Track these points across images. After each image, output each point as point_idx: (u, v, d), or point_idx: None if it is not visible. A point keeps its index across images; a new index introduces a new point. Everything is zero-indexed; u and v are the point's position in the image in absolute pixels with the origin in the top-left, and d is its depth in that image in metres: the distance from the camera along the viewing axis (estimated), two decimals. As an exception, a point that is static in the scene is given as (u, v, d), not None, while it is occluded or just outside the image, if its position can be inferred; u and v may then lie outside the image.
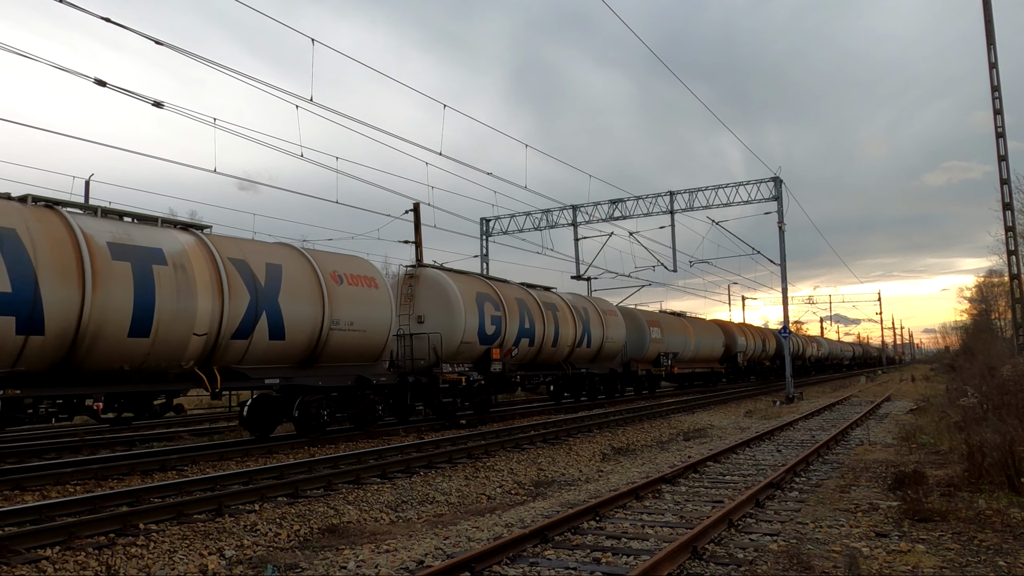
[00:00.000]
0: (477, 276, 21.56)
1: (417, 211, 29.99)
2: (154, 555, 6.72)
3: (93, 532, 7.35)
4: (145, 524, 7.76)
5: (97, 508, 8.41)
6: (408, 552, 6.81)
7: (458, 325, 18.61)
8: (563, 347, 23.24)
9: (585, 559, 6.45)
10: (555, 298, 23.79)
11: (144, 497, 8.99)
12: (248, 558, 6.79)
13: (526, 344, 21.10)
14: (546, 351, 22.34)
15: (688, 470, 11.17)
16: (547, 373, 23.32)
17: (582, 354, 24.63)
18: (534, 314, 21.64)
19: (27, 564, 6.32)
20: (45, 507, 8.07)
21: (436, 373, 17.84)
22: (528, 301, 21.78)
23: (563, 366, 23.70)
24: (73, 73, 13.18)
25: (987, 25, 22.98)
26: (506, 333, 20.14)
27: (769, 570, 5.99)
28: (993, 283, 55.94)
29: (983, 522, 7.33)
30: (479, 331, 19.22)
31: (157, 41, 13.23)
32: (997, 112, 22.57)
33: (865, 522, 7.66)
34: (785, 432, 17.20)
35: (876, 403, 25.71)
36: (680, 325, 34.81)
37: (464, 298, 18.87)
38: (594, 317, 25.42)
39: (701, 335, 37.22)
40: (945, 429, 14.47)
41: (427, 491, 10.03)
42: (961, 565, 6.04)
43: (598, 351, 25.58)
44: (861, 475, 10.76)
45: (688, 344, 34.84)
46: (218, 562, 6.61)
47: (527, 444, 14.82)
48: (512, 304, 20.73)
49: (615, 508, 8.52)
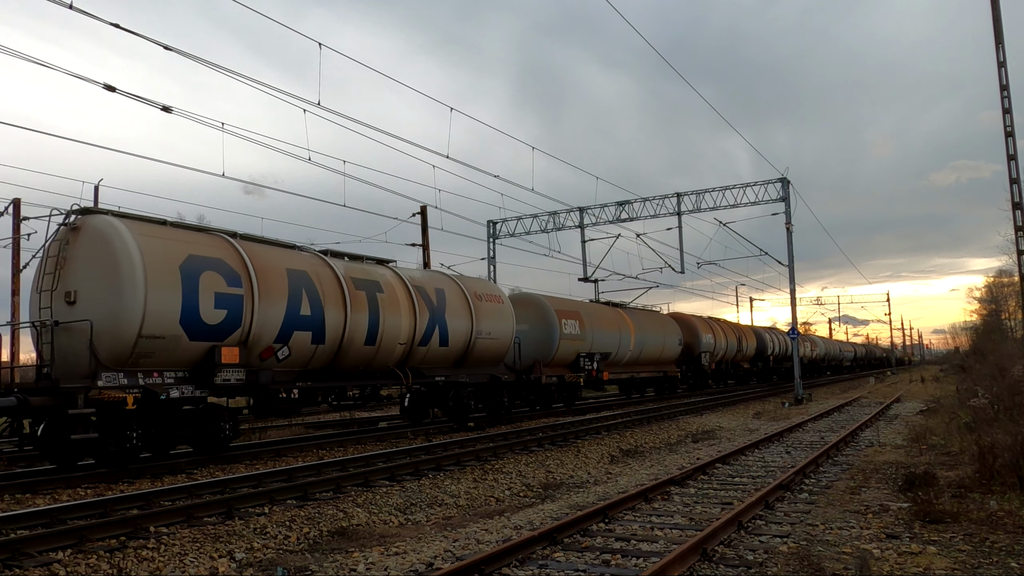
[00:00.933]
0: (213, 232, 13.47)
1: (424, 214, 30.08)
2: (165, 558, 6.75)
3: (104, 535, 7.39)
4: (156, 527, 7.79)
5: (108, 511, 8.45)
6: (417, 554, 6.82)
7: (130, 307, 11.23)
8: (391, 345, 16.13)
9: (595, 561, 6.44)
10: (382, 273, 16.68)
11: (154, 500, 9.03)
12: (258, 561, 6.81)
13: (305, 341, 14.00)
14: (355, 351, 15.26)
15: (697, 472, 11.14)
16: (364, 383, 16.89)
17: (434, 356, 17.68)
18: (326, 295, 14.46)
19: (39, 567, 6.36)
20: (56, 510, 8.12)
21: (73, 390, 10.75)
22: (317, 274, 14.56)
23: (398, 372, 16.51)
24: (83, 79, 13.28)
25: (995, 24, 22.84)
26: (254, 322, 12.91)
27: (779, 572, 5.97)
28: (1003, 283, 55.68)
29: (995, 523, 7.29)
30: (186, 318, 11.86)
31: (166, 46, 13.32)
32: (1006, 111, 22.43)
33: (876, 523, 7.62)
34: (794, 434, 17.13)
35: (886, 404, 25.58)
36: (614, 318, 27.69)
37: (148, 262, 11.46)
38: (455, 303, 18.29)
39: (646, 331, 29.85)
40: (956, 430, 14.39)
41: (436, 493, 10.03)
42: (973, 567, 6.01)
43: (465, 351, 18.58)
44: (871, 476, 10.71)
45: (624, 342, 27.70)
46: (228, 565, 6.63)
47: (535, 446, 14.82)
48: (272, 277, 13.45)
49: (624, 510, 8.50)
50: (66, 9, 11.55)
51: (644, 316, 31.22)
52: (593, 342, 25.08)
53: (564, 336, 23.35)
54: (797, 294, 31.15)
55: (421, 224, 30.10)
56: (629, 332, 28.30)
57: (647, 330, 30.25)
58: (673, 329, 33.33)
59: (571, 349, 23.81)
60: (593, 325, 25.48)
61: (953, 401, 20.97)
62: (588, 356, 24.20)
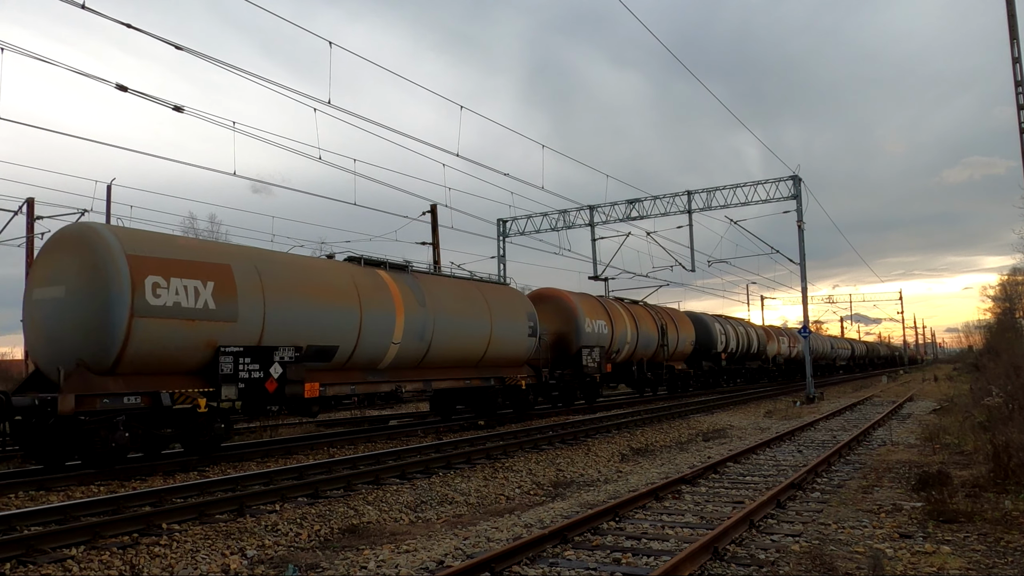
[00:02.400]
0: None
1: (434, 212, 30.10)
2: (177, 555, 6.78)
3: (117, 532, 7.44)
4: (168, 524, 7.83)
5: (121, 508, 8.50)
6: (428, 552, 6.82)
7: None
8: None
9: (605, 559, 6.42)
10: None
11: (167, 498, 9.08)
12: (269, 558, 6.84)
13: None
14: None
15: (708, 471, 11.10)
16: None
17: None
18: None
19: (53, 563, 6.41)
20: (70, 507, 8.18)
21: None
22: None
23: None
24: (96, 79, 13.36)
25: (1010, 20, 22.61)
26: None
27: (791, 571, 5.94)
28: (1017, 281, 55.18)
29: (1010, 523, 7.22)
30: None
31: (177, 46, 13.37)
32: (1021, 107, 22.22)
33: (889, 523, 7.57)
34: (806, 432, 17.04)
35: (898, 403, 25.41)
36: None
37: None
38: None
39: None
40: (969, 429, 14.27)
41: (446, 491, 10.04)
42: (987, 567, 5.95)
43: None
44: (884, 476, 10.64)
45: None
46: (240, 562, 6.66)
47: (545, 445, 14.80)
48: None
49: (635, 508, 8.48)
50: (78, 9, 11.62)
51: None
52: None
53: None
54: (808, 292, 30.96)
55: (431, 223, 30.13)
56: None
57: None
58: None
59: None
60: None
61: (967, 400, 20.79)
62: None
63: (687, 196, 31.72)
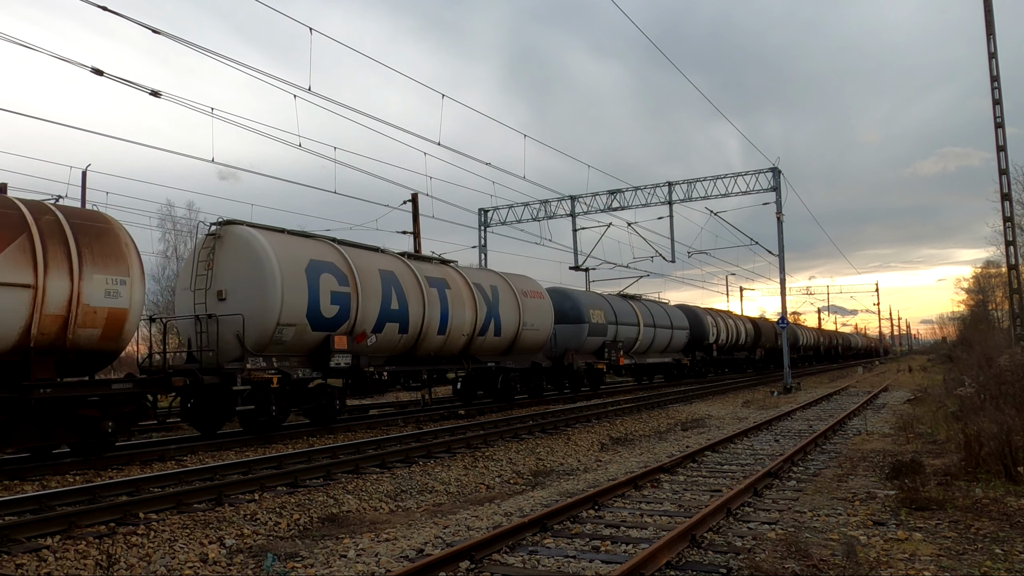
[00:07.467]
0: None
1: (415, 201, 29.97)
2: (154, 544, 6.74)
3: (93, 521, 7.37)
4: (145, 513, 7.77)
5: (97, 498, 8.42)
6: (408, 541, 6.84)
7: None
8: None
9: (584, 547, 6.47)
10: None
11: (144, 487, 9.01)
12: (248, 547, 6.81)
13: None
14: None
15: (686, 460, 11.20)
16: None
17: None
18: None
19: (28, 553, 6.34)
20: (45, 496, 8.09)
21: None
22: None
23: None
24: (71, 62, 13.12)
25: (987, 15, 22.91)
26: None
27: (767, 558, 6.02)
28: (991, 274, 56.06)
29: (980, 511, 7.37)
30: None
31: (154, 30, 13.16)
32: (996, 102, 22.54)
33: (863, 511, 7.69)
34: (783, 422, 17.25)
35: (873, 393, 25.79)
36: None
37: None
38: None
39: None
40: (942, 419, 14.52)
41: (426, 481, 10.05)
42: (958, 553, 6.08)
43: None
44: (859, 464, 10.80)
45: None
46: (218, 551, 6.63)
47: (526, 434, 14.85)
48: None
49: (614, 497, 8.55)
50: (52, -9, 11.39)
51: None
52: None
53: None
54: (787, 284, 31.28)
55: (412, 211, 29.99)
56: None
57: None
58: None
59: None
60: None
61: (940, 390, 21.14)
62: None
63: (668, 187, 31.86)
